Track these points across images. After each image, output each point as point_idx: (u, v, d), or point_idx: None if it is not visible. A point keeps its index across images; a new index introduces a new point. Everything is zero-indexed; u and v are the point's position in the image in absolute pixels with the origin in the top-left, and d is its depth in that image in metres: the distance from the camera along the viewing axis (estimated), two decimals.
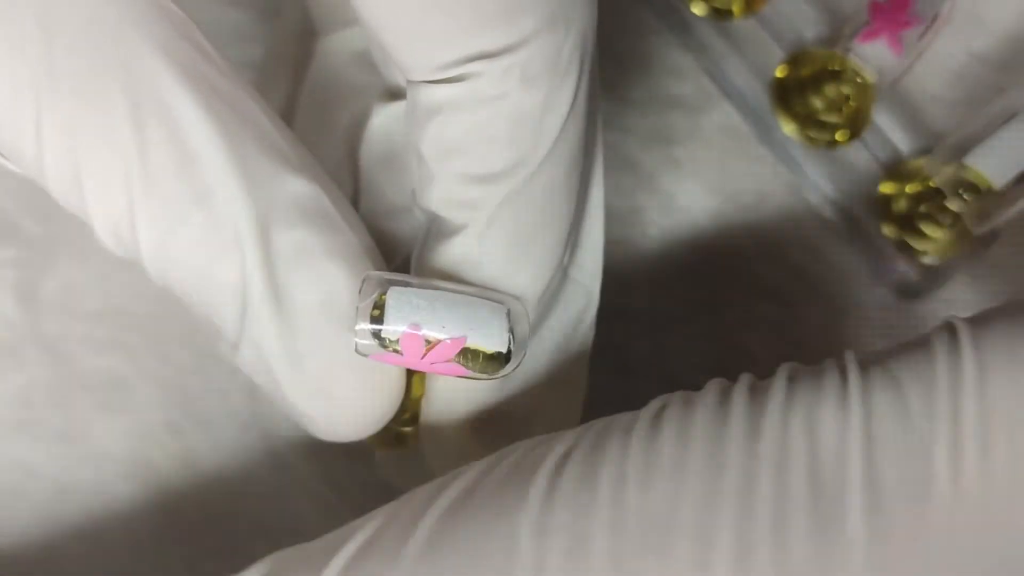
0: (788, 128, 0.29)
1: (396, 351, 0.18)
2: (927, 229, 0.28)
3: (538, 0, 0.18)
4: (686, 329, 0.29)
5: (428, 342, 0.18)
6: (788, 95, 0.29)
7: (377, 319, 0.18)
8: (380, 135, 0.21)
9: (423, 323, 0.18)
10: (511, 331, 0.18)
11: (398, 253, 0.22)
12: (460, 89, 0.18)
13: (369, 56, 0.22)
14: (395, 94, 0.21)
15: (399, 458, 0.24)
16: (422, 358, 0.18)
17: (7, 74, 0.17)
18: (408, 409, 0.22)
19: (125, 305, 0.28)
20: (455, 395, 0.20)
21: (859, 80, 0.26)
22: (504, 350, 0.18)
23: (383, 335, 0.18)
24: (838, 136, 0.28)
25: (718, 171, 0.29)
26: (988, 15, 0.29)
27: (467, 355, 0.18)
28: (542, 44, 0.18)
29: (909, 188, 0.28)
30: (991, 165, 0.25)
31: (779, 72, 0.29)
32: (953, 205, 0.27)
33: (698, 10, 0.29)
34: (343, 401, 0.19)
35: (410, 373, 0.21)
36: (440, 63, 0.18)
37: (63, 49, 0.17)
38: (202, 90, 0.18)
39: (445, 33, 0.18)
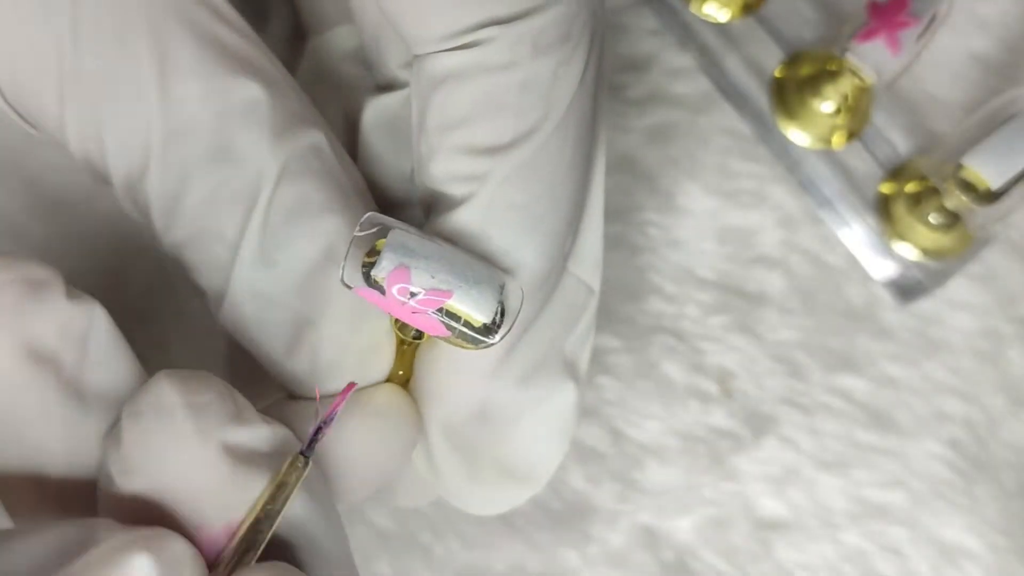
0: (787, 128, 0.29)
1: (381, 290, 0.17)
2: (926, 229, 0.28)
3: None
4: (684, 329, 0.29)
5: (413, 292, 0.17)
6: (787, 95, 0.29)
7: (370, 264, 0.17)
8: (374, 125, 0.21)
9: (413, 267, 0.17)
10: (501, 304, 0.18)
11: None
12: (470, 56, 0.18)
13: (358, 53, 0.22)
14: (385, 89, 0.21)
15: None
16: (403, 304, 0.17)
17: (34, 34, 0.17)
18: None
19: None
20: (446, 376, 0.20)
21: (858, 80, 0.26)
22: (489, 320, 0.17)
23: (373, 273, 0.17)
24: (837, 136, 0.29)
25: (717, 171, 0.29)
26: (987, 16, 0.29)
27: (451, 316, 0.17)
28: (555, 13, 0.18)
29: (908, 188, 0.28)
30: (989, 165, 0.25)
31: (778, 72, 0.29)
32: (951, 205, 0.27)
33: (697, 10, 0.29)
34: (327, 357, 0.19)
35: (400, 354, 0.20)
36: (452, 30, 0.18)
37: (90, 10, 0.17)
38: (215, 49, 0.18)
39: None
